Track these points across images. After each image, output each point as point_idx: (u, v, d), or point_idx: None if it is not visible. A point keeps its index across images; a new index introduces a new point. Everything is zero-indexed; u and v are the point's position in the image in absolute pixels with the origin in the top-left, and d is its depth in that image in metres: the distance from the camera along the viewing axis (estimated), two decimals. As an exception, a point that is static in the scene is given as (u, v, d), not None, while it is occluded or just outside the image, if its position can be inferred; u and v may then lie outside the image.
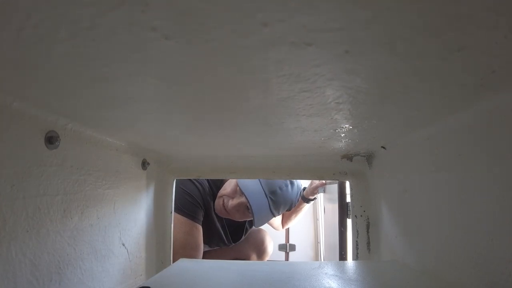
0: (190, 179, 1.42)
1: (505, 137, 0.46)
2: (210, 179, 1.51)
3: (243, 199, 1.42)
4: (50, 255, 0.58)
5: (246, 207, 1.44)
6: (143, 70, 0.38)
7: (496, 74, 0.38)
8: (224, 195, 1.47)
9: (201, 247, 1.40)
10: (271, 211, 1.48)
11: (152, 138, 0.83)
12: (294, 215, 1.95)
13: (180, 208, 1.34)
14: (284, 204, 1.53)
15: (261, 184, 1.45)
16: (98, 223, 0.74)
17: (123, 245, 0.86)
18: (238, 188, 1.44)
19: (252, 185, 1.44)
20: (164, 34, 0.30)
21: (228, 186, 1.48)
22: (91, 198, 0.71)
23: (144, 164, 0.98)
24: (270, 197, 1.45)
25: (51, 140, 0.57)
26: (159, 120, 0.64)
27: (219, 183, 1.53)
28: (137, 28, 0.29)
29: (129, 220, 0.90)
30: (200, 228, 1.41)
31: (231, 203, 1.43)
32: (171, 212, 1.11)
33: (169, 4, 0.26)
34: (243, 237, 1.69)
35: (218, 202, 1.49)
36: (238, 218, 1.52)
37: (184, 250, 1.28)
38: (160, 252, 1.08)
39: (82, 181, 0.68)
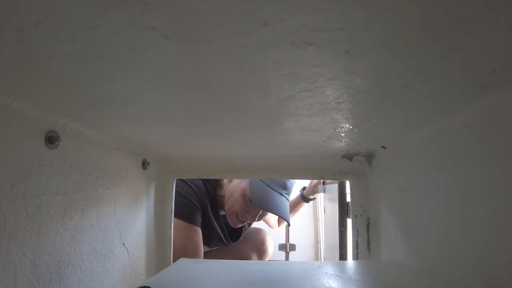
0: (184, 181, 1.41)
1: (505, 137, 0.46)
2: (205, 179, 1.51)
3: (257, 208, 1.46)
4: (50, 255, 0.58)
5: (263, 210, 1.49)
6: (143, 70, 0.38)
7: (496, 74, 0.38)
8: (235, 212, 1.47)
9: (202, 250, 1.39)
10: (288, 201, 1.54)
11: (152, 138, 0.83)
12: (292, 214, 1.95)
13: (177, 212, 1.31)
14: (292, 188, 1.59)
15: (269, 186, 1.46)
16: (98, 223, 0.74)
17: (123, 245, 0.86)
18: (248, 199, 1.44)
19: (263, 193, 1.44)
20: (164, 34, 0.30)
21: (234, 202, 1.46)
22: (91, 198, 0.71)
23: (144, 164, 0.98)
24: (285, 194, 1.50)
25: (51, 140, 0.57)
26: (159, 120, 0.64)
27: (214, 183, 1.52)
28: (137, 28, 0.29)
29: (129, 220, 0.90)
30: (199, 230, 1.40)
31: (250, 216, 1.48)
32: (171, 212, 1.11)
33: (169, 4, 0.26)
34: (242, 236, 1.69)
35: (232, 219, 1.50)
36: (257, 221, 1.59)
37: (184, 255, 1.27)
38: (160, 251, 1.08)
39: (82, 181, 0.68)
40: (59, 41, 0.31)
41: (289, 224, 1.61)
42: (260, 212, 1.48)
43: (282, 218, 1.51)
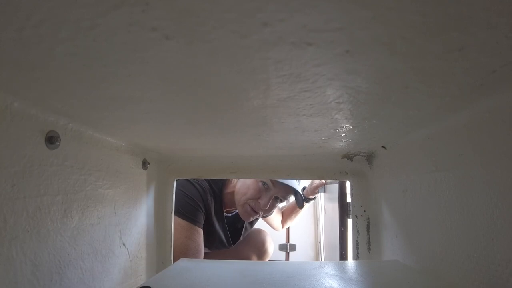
0: (189, 181, 1.41)
1: (505, 137, 0.46)
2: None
3: (271, 192, 1.45)
4: (50, 255, 0.58)
5: (275, 199, 1.49)
6: (143, 70, 0.39)
7: (496, 74, 0.38)
8: (249, 199, 1.46)
9: (202, 251, 1.38)
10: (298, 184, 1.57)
11: (152, 138, 0.83)
12: (294, 215, 1.96)
13: (180, 211, 1.32)
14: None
15: None
16: (99, 223, 0.74)
17: (124, 245, 0.86)
18: (260, 184, 1.44)
19: None
20: (164, 34, 0.30)
21: (247, 189, 1.46)
22: (91, 198, 0.71)
23: (145, 164, 0.98)
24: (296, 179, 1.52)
25: (51, 140, 0.57)
26: (159, 120, 0.64)
27: (220, 182, 1.52)
28: (137, 28, 0.29)
29: (130, 220, 0.90)
30: (201, 231, 1.39)
31: (263, 202, 1.45)
32: (172, 212, 1.11)
33: (169, 4, 0.26)
34: (241, 237, 1.69)
35: (244, 209, 1.48)
36: (269, 212, 1.58)
37: (185, 255, 1.27)
38: (161, 252, 1.08)
39: (82, 181, 0.68)
40: (59, 41, 0.31)
41: (301, 205, 1.64)
42: (272, 200, 1.47)
43: (294, 191, 1.51)
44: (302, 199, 1.59)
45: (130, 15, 0.27)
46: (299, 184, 1.58)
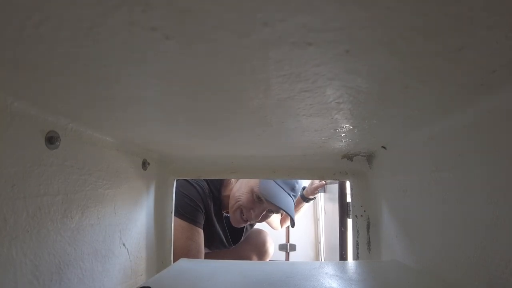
0: (188, 182, 1.41)
1: (505, 137, 0.46)
2: (209, 179, 1.50)
3: (264, 206, 1.44)
4: (50, 255, 0.58)
5: (268, 211, 1.47)
6: (143, 70, 0.39)
7: (496, 74, 0.38)
8: (241, 206, 1.45)
9: (203, 252, 1.39)
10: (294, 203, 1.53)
11: (152, 138, 0.83)
12: None
13: (180, 212, 1.32)
14: (299, 191, 1.59)
15: (278, 184, 1.45)
16: (99, 223, 0.74)
17: (124, 245, 0.86)
18: (255, 196, 1.43)
19: (272, 189, 1.43)
20: (164, 34, 0.30)
21: (241, 195, 1.45)
22: (91, 198, 0.71)
23: (145, 164, 0.98)
24: (292, 195, 1.49)
25: (51, 140, 0.57)
26: (159, 120, 0.64)
27: (218, 184, 1.52)
28: (137, 28, 0.29)
29: (130, 220, 0.90)
30: (202, 232, 1.39)
31: (255, 214, 1.45)
32: (172, 212, 1.11)
33: (169, 4, 0.26)
34: (242, 238, 1.69)
35: (235, 215, 1.47)
36: (260, 222, 1.57)
37: (186, 255, 1.27)
38: (161, 252, 1.08)
39: (82, 181, 0.68)
40: (60, 41, 0.31)
41: (293, 225, 1.59)
42: (264, 212, 1.46)
43: (288, 214, 1.48)
44: (293, 221, 1.56)
45: (130, 15, 0.27)
46: (299, 190, 1.56)
